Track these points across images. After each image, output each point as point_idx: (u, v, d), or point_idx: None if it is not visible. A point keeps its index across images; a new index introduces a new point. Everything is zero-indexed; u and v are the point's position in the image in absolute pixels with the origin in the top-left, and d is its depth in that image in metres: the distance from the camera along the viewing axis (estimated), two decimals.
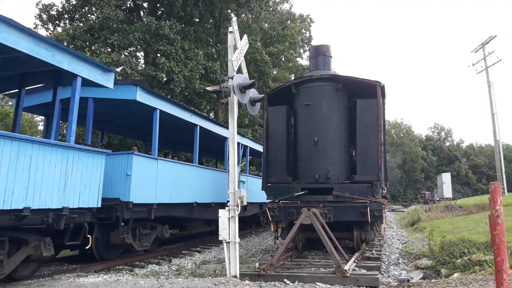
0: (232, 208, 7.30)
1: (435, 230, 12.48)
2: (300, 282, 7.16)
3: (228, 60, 7.79)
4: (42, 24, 23.16)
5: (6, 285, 6.64)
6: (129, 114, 11.58)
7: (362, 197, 9.35)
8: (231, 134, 7.66)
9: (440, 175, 56.67)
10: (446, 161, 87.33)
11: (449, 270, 7.98)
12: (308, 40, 39.66)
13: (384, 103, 10.72)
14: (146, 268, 9.29)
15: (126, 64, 18.54)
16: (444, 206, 26.55)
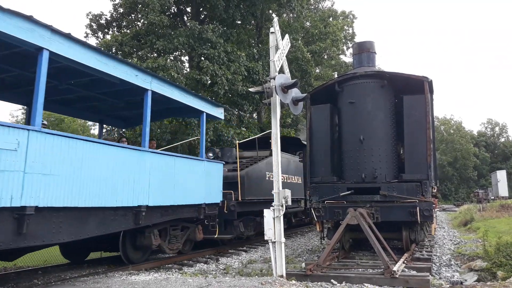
0: (277, 208, 7.32)
1: (490, 231, 11.92)
2: (347, 283, 7.07)
3: (270, 60, 7.82)
4: (92, 33, 24.28)
5: (65, 282, 7.02)
6: None
7: (411, 196, 9.09)
8: (274, 135, 7.68)
9: (494, 173, 53.97)
10: (501, 158, 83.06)
11: (506, 272, 7.62)
12: (351, 36, 39.06)
13: (433, 99, 10.36)
14: (194, 267, 9.51)
15: (172, 68, 19.04)
16: (499, 205, 25.32)
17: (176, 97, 9.37)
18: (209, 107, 10.81)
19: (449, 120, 79.40)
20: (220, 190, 10.99)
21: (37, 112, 5.87)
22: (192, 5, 23.78)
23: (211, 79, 20.63)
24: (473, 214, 22.04)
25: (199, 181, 10.10)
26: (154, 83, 8.57)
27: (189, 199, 9.68)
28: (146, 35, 21.35)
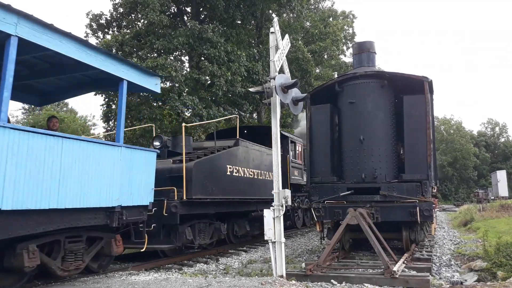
0: (277, 208, 7.32)
1: (490, 231, 11.92)
2: (347, 283, 7.07)
3: (270, 60, 7.82)
4: (92, 33, 24.29)
5: (64, 282, 7.01)
6: None
7: (411, 196, 9.09)
8: (274, 135, 7.69)
9: (494, 173, 53.97)
10: (501, 158, 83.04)
11: (506, 272, 7.62)
12: (351, 36, 39.05)
13: (433, 99, 10.35)
14: (194, 267, 9.51)
15: (171, 67, 19.04)
16: (499, 205, 25.32)
17: (71, 54, 6.39)
18: (134, 73, 7.81)
19: (449, 120, 79.36)
20: (150, 188, 8.12)
21: None
22: (192, 5, 23.77)
23: (210, 79, 20.63)
24: (473, 214, 22.03)
25: (110, 175, 7.10)
26: (23, 26, 5.59)
27: (89, 201, 6.66)
28: (146, 35, 21.35)
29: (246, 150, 12.70)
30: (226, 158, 11.35)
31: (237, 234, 12.83)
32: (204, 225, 10.84)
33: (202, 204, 10.30)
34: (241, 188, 12.00)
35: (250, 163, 12.73)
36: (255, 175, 13.03)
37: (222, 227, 11.52)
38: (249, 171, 12.61)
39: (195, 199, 9.73)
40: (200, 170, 10.07)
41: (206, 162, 10.47)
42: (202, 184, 10.08)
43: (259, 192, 13.07)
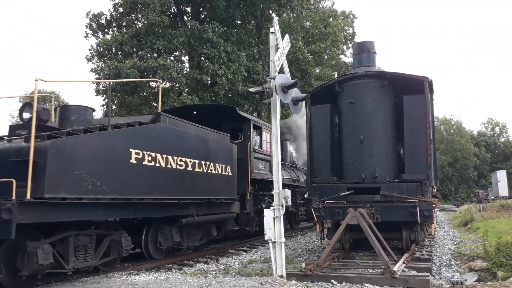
0: (277, 208, 7.32)
1: (490, 231, 11.91)
2: (347, 283, 7.07)
3: (270, 60, 7.82)
4: (92, 33, 24.28)
5: (65, 282, 7.02)
6: None
7: (411, 196, 9.09)
8: (274, 135, 7.69)
9: (494, 173, 53.96)
10: (501, 158, 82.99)
11: (506, 272, 7.62)
12: (351, 36, 39.03)
13: (433, 99, 10.35)
14: (194, 267, 9.51)
15: (172, 68, 19.04)
16: (499, 205, 25.31)
17: None
18: None
19: (449, 120, 79.32)
20: None
21: None
22: (192, 5, 23.78)
23: (211, 79, 20.62)
24: (473, 214, 22.02)
25: None
26: None
27: None
28: (146, 35, 21.35)
29: (173, 131, 9.13)
30: (128, 139, 7.80)
31: (161, 247, 9.48)
32: (86, 239, 7.31)
33: (73, 206, 6.73)
34: (161, 184, 8.53)
35: (180, 149, 9.20)
36: (189, 166, 9.45)
37: (124, 240, 8.09)
38: (178, 161, 9.07)
39: (49, 198, 6.26)
40: (66, 153, 6.56)
41: (81, 142, 6.91)
42: (72, 175, 6.62)
43: (197, 191, 9.80)
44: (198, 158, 9.86)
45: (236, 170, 11.62)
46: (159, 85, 12.06)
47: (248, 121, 13.05)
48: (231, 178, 11.40)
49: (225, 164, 11.07)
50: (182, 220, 9.45)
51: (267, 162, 14.02)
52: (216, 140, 10.94)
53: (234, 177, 11.55)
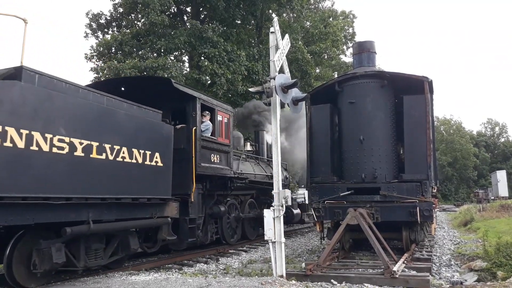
0: (277, 208, 7.32)
1: (490, 231, 11.90)
2: (347, 283, 7.07)
3: (270, 60, 7.82)
4: (92, 32, 24.27)
5: (65, 282, 7.02)
6: None
7: (411, 196, 9.10)
8: (274, 135, 7.68)
9: (494, 173, 53.92)
10: (501, 158, 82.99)
11: (506, 272, 7.62)
12: (351, 36, 38.99)
13: (433, 99, 10.36)
14: (194, 267, 9.50)
15: (172, 68, 19.04)
16: (499, 205, 25.30)
17: None
18: None
19: (449, 120, 79.32)
20: None
21: None
22: (192, 5, 23.78)
23: (210, 79, 20.62)
24: (473, 214, 22.01)
25: None
26: None
27: None
28: (146, 35, 21.34)
29: (45, 95, 6.10)
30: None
31: (36, 270, 6.30)
32: None
33: None
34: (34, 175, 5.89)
35: (61, 124, 6.29)
36: (80, 150, 6.53)
37: None
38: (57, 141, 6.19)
39: None
40: None
41: None
42: None
43: (98, 186, 6.90)
44: (98, 139, 6.86)
45: (171, 160, 8.58)
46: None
47: (193, 100, 10.09)
48: (163, 171, 8.29)
49: (152, 151, 7.95)
50: (66, 230, 6.39)
51: (225, 153, 11.33)
52: (136, 117, 7.78)
53: (168, 169, 8.47)
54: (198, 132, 9.98)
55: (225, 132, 11.50)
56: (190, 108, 10.16)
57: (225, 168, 11.26)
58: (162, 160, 8.32)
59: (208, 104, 10.74)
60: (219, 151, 11.06)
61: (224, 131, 11.41)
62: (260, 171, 14.70)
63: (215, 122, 10.99)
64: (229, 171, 11.51)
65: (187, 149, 9.80)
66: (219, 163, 11.00)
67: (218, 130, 11.13)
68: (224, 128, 11.47)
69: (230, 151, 11.69)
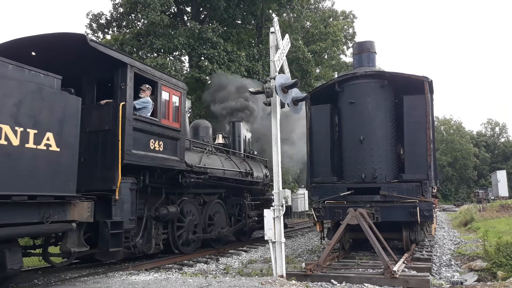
0: (277, 208, 7.32)
1: (490, 231, 11.90)
2: (347, 282, 7.07)
3: (270, 60, 7.81)
4: (92, 32, 24.30)
5: (65, 282, 7.02)
6: None
7: (411, 196, 9.10)
8: (274, 135, 7.67)
9: (494, 173, 53.93)
10: (501, 158, 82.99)
11: (506, 272, 7.61)
12: (352, 36, 38.99)
13: (433, 99, 10.36)
14: (194, 267, 9.50)
15: (171, 67, 19.05)
16: (499, 205, 25.30)
17: None
18: None
19: (449, 120, 79.37)
20: None
21: None
22: (192, 5, 23.79)
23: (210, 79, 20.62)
24: (473, 214, 22.01)
25: None
26: None
27: None
28: (146, 34, 21.36)
29: None
30: None
31: None
32: None
33: None
34: None
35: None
36: None
37: None
38: None
39: None
40: None
41: None
42: None
43: None
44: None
45: (76, 145, 6.47)
46: None
47: (123, 67, 7.90)
48: (60, 159, 6.16)
49: (40, 129, 5.86)
50: None
51: (173, 140, 9.18)
52: (16, 81, 5.68)
53: (70, 157, 6.34)
54: (128, 109, 7.74)
55: (174, 114, 9.33)
56: (118, 77, 7.89)
57: (171, 159, 9.06)
58: (58, 143, 6.08)
59: (147, 75, 8.54)
60: (162, 137, 8.84)
61: (171, 112, 9.22)
62: (232, 167, 12.87)
63: (158, 99, 8.83)
64: (179, 163, 9.34)
65: (114, 131, 7.67)
66: (163, 152, 8.81)
67: (163, 110, 8.97)
68: (172, 108, 9.28)
69: (181, 138, 9.48)
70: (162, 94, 9.00)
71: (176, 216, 9.91)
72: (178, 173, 9.66)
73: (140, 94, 8.57)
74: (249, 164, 14.32)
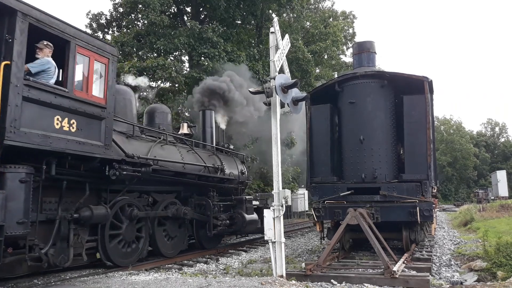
0: (277, 208, 7.32)
1: (490, 231, 11.91)
2: (347, 283, 7.06)
3: (270, 60, 7.81)
4: (92, 33, 24.27)
5: (65, 282, 7.01)
6: None
7: (411, 196, 9.10)
8: (274, 135, 7.67)
9: (494, 173, 53.95)
10: (501, 158, 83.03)
11: (506, 272, 7.61)
12: (351, 36, 39.03)
13: (433, 99, 10.36)
14: (194, 267, 9.50)
15: (171, 67, 19.05)
16: (499, 205, 25.31)
17: None
18: None
19: (449, 120, 79.41)
20: None
21: None
22: (192, 5, 23.79)
23: None
24: (473, 214, 22.02)
25: None
26: None
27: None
28: (146, 35, 21.36)
29: None
30: None
31: None
32: None
33: None
34: None
35: None
36: None
37: None
38: None
39: None
40: None
41: None
42: None
43: None
44: None
45: None
46: None
47: (11, 15, 5.99)
48: None
49: None
50: None
51: (93, 119, 7.18)
52: None
53: None
54: (15, 71, 5.88)
55: (98, 86, 7.42)
56: (3, 28, 5.99)
57: (90, 143, 7.04)
58: None
59: (53, 30, 6.56)
60: (76, 114, 6.81)
61: (92, 83, 7.25)
62: (195, 161, 11.07)
63: (71, 64, 6.82)
64: (102, 149, 7.31)
65: None
66: (76, 134, 6.79)
67: (80, 79, 7.05)
68: (93, 78, 7.32)
69: (107, 117, 7.46)
70: (77, 57, 6.91)
71: (106, 220, 7.94)
72: (105, 164, 7.65)
73: (37, 53, 6.50)
74: (220, 158, 12.53)
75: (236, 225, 11.80)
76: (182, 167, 10.32)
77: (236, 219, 11.71)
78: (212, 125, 13.54)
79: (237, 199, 12.35)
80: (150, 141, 9.79)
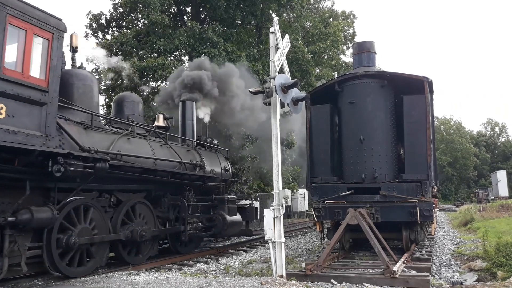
0: (277, 208, 7.32)
1: (490, 231, 11.91)
2: (347, 282, 7.07)
3: (270, 60, 7.81)
4: (92, 32, 24.31)
5: (64, 282, 7.02)
6: None
7: (411, 196, 9.10)
8: (274, 135, 7.67)
9: (494, 173, 53.98)
10: (501, 158, 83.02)
11: (506, 272, 7.61)
12: (352, 36, 39.00)
13: (433, 99, 10.37)
14: (194, 267, 9.51)
15: (171, 67, 19.05)
16: (499, 205, 25.31)
17: None
18: None
19: (449, 120, 79.40)
20: None
21: None
22: (192, 5, 23.79)
23: None
24: (473, 214, 22.02)
25: None
26: None
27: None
28: (146, 35, 21.36)
29: None
30: None
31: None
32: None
33: None
34: None
35: None
36: None
37: None
38: None
39: None
40: None
41: None
42: None
43: None
44: None
45: None
46: None
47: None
48: None
49: None
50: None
51: (30, 104, 6.24)
52: None
53: None
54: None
55: (39, 65, 6.41)
56: None
57: (23, 133, 6.05)
58: None
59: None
60: (6, 97, 5.87)
61: (28, 61, 6.22)
62: (169, 156, 10.21)
63: None
64: (42, 141, 6.35)
65: None
66: (5, 121, 5.82)
67: (12, 55, 6.07)
68: (30, 54, 6.26)
69: (50, 103, 6.51)
70: (8, 29, 5.88)
71: (52, 223, 6.83)
72: (48, 158, 6.59)
73: None
74: (201, 154, 11.53)
75: (216, 227, 10.97)
76: (153, 163, 9.33)
77: (216, 221, 10.93)
78: (193, 118, 12.47)
79: (218, 198, 11.49)
80: (115, 133, 8.74)
